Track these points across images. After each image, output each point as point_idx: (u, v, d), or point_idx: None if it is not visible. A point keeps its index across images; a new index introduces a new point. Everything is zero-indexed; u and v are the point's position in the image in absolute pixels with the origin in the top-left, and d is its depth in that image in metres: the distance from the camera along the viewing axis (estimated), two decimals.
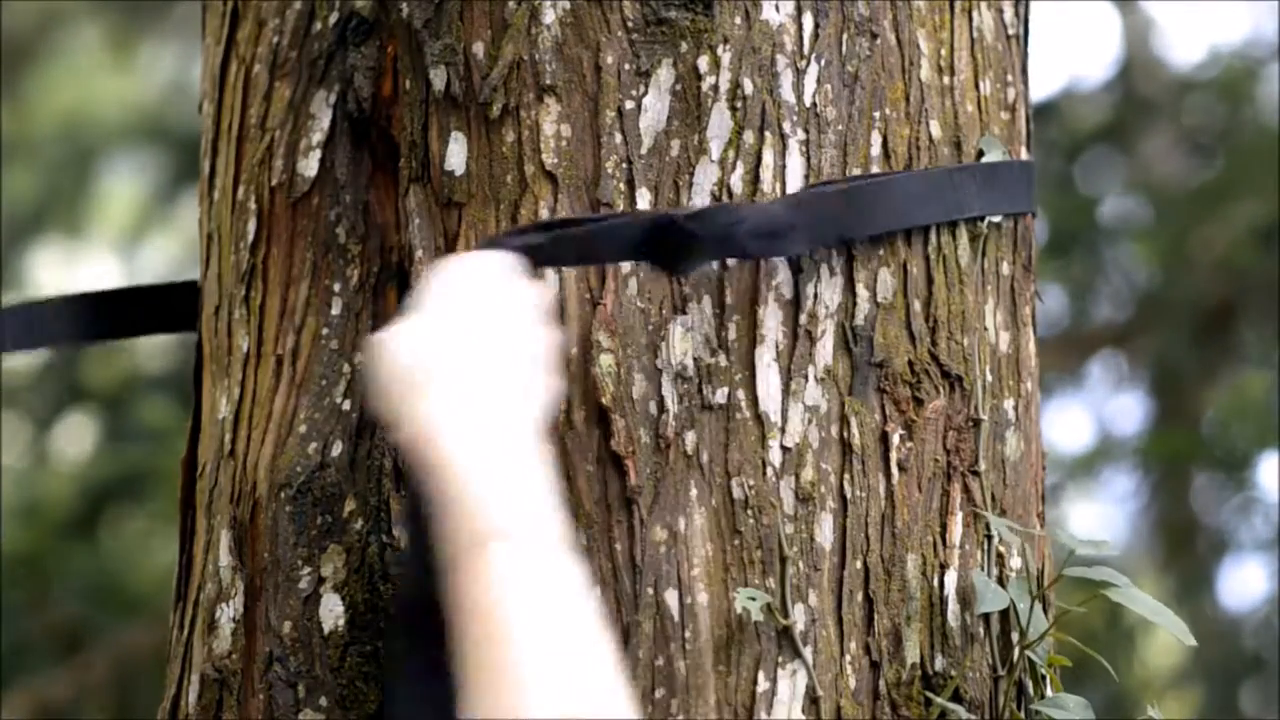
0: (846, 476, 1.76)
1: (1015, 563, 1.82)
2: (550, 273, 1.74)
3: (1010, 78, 1.93)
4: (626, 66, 1.78)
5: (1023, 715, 1.79)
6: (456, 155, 1.80)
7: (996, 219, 1.87)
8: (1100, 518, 7.01)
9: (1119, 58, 6.94)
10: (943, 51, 1.87)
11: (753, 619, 1.70)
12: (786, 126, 1.79)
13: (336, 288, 1.84)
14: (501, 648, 1.35)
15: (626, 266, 1.75)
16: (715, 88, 1.78)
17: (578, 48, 1.79)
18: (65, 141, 7.53)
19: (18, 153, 7.33)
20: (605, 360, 1.73)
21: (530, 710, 1.33)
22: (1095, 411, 6.70)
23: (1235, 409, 5.85)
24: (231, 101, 1.94)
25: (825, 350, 1.77)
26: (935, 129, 1.85)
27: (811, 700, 1.71)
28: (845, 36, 1.82)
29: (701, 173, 1.77)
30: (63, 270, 8.01)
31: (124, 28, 7.72)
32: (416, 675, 1.54)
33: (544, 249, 1.69)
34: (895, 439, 1.78)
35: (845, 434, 1.76)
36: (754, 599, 1.69)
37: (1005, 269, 1.89)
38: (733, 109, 1.78)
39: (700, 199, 1.76)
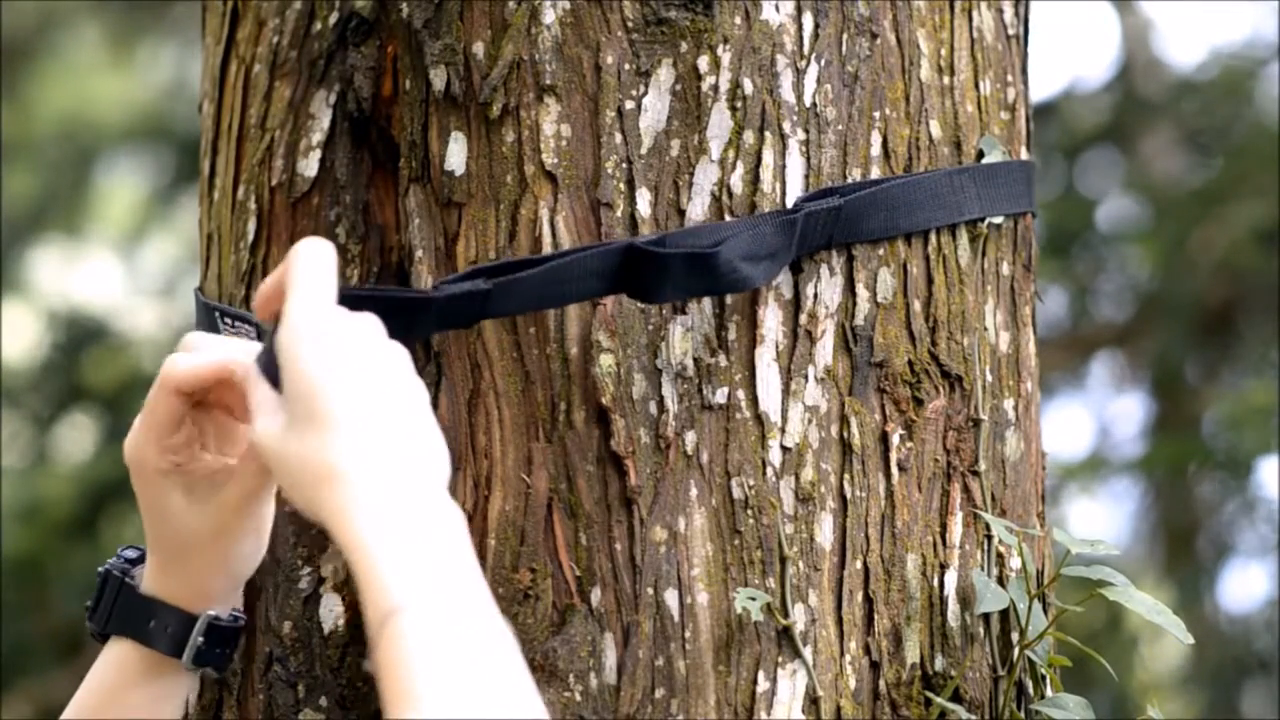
0: (846, 476, 1.76)
1: (1015, 563, 1.82)
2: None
3: (1010, 78, 1.93)
4: (626, 66, 1.78)
5: (1023, 715, 1.79)
6: (456, 155, 1.80)
7: (997, 220, 1.87)
8: (1101, 519, 7.01)
9: (1119, 58, 6.95)
10: (943, 51, 1.87)
11: (753, 619, 1.70)
12: (786, 126, 1.79)
13: None
14: (406, 708, 1.38)
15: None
16: (715, 88, 1.78)
17: (578, 48, 1.79)
18: (65, 141, 7.53)
19: (18, 153, 7.33)
20: (605, 360, 1.73)
21: None
22: (1096, 412, 6.70)
23: (1238, 415, 5.85)
24: (231, 101, 1.94)
25: (825, 350, 1.77)
26: (935, 129, 1.85)
27: (811, 700, 1.71)
28: (845, 36, 1.82)
29: (701, 172, 1.77)
30: (63, 270, 8.01)
31: (123, 27, 7.73)
32: None
33: (491, 297, 1.67)
34: (895, 439, 1.78)
35: (845, 434, 1.76)
36: (754, 599, 1.69)
37: (1005, 269, 1.89)
38: (733, 109, 1.78)
39: (700, 199, 1.76)
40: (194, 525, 1.65)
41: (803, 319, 1.77)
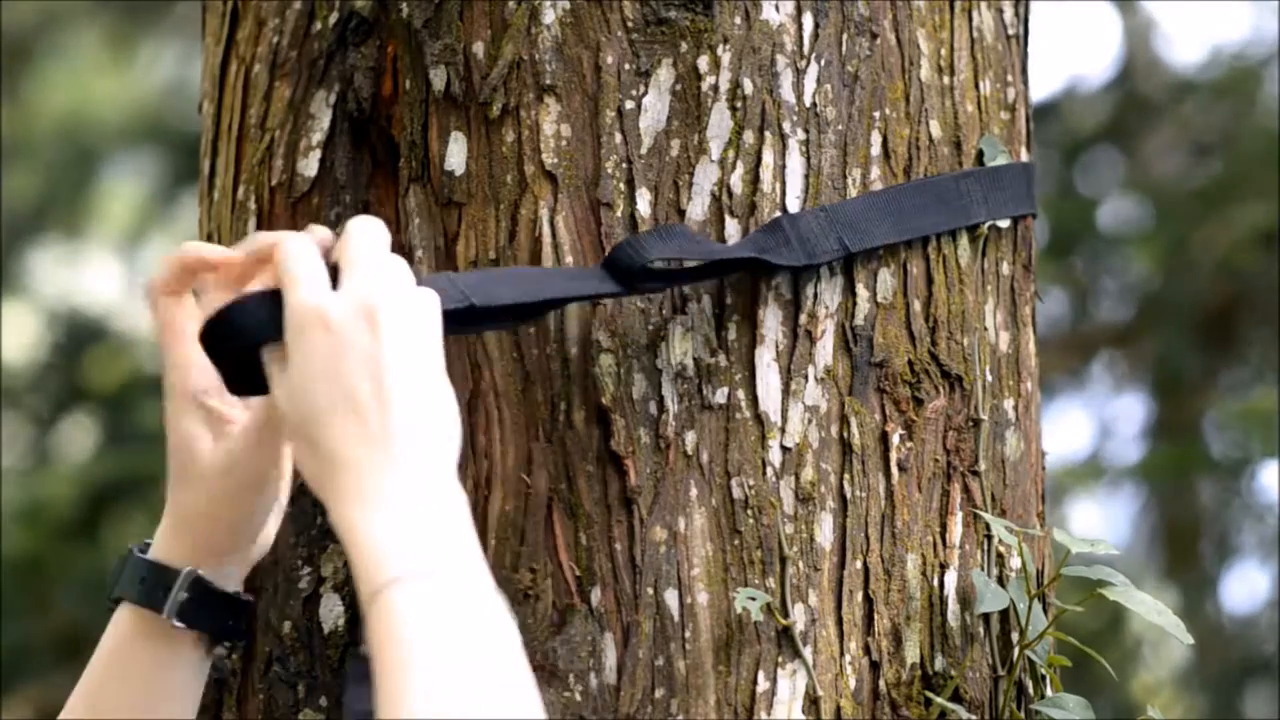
0: (846, 476, 1.76)
1: (1015, 563, 1.82)
2: None
3: (1010, 78, 1.93)
4: (626, 66, 1.78)
5: (1023, 715, 1.79)
6: (456, 155, 1.80)
7: (1003, 223, 1.87)
8: (1102, 520, 7.01)
9: (1119, 58, 6.94)
10: (943, 51, 1.87)
11: (753, 619, 1.70)
12: (786, 126, 1.79)
13: None
14: (399, 683, 1.37)
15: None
16: (715, 88, 1.78)
17: (578, 48, 1.79)
18: (65, 142, 7.53)
19: (18, 153, 7.33)
20: (605, 360, 1.73)
21: None
22: (1096, 412, 6.70)
23: (1242, 421, 5.85)
24: (231, 101, 1.94)
25: (825, 350, 1.77)
26: (935, 129, 1.85)
27: (811, 700, 1.71)
28: (845, 36, 1.82)
29: (701, 172, 1.77)
30: (63, 270, 8.01)
31: (123, 28, 7.72)
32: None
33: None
34: (895, 439, 1.78)
35: (845, 434, 1.76)
36: (754, 599, 1.69)
37: (1005, 269, 1.89)
38: (733, 109, 1.78)
39: (700, 199, 1.76)
40: (207, 459, 1.65)
41: (803, 319, 1.77)
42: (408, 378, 1.49)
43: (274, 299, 1.54)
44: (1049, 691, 1.81)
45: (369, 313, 1.50)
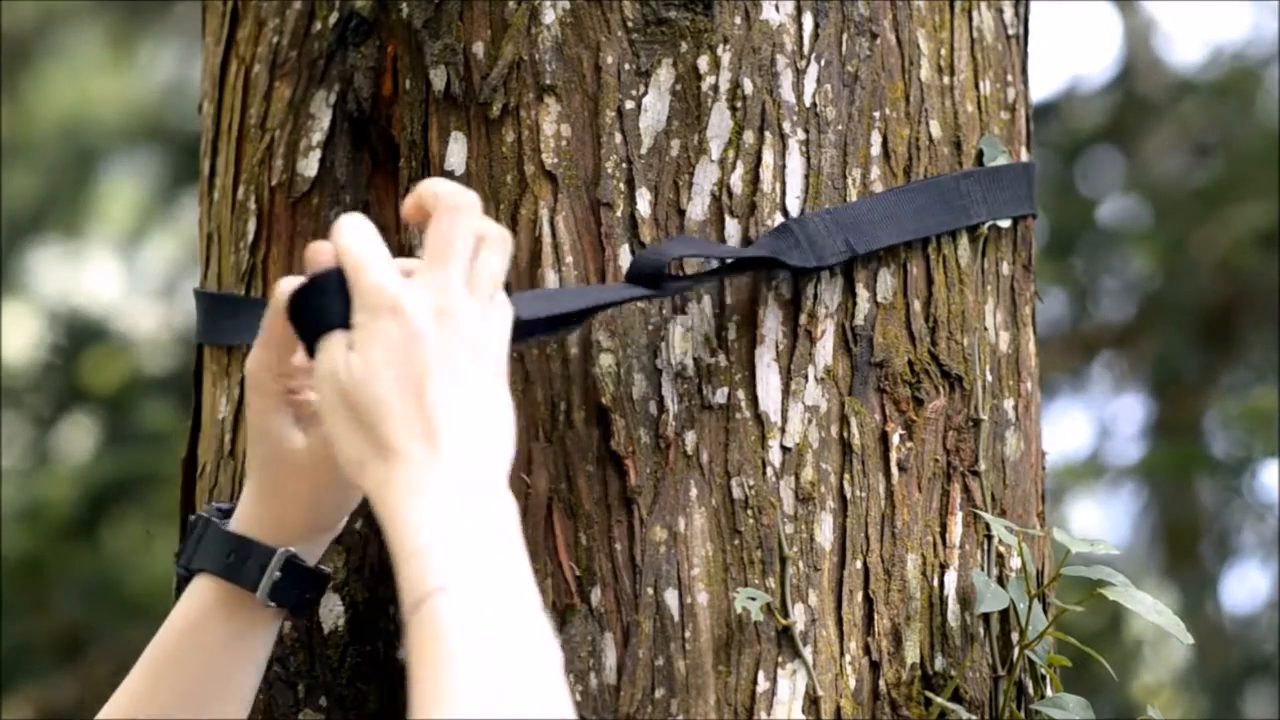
0: (846, 476, 1.76)
1: (1015, 563, 1.82)
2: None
3: (1010, 78, 1.93)
4: (626, 66, 1.78)
5: (1023, 715, 1.79)
6: (456, 155, 1.80)
7: (1004, 224, 1.87)
8: (1102, 520, 7.00)
9: (1120, 58, 6.94)
10: (943, 51, 1.87)
11: (753, 619, 1.70)
12: (786, 126, 1.79)
13: None
14: (437, 689, 1.35)
15: (625, 265, 1.74)
16: (715, 88, 1.78)
17: (578, 48, 1.79)
18: (65, 142, 7.53)
19: (18, 153, 7.33)
20: (605, 360, 1.73)
21: None
22: (1096, 412, 6.70)
23: (1242, 421, 5.84)
24: (231, 101, 1.94)
25: (825, 350, 1.77)
26: (935, 129, 1.85)
27: (811, 700, 1.71)
28: (845, 36, 1.82)
29: (701, 172, 1.77)
30: (63, 270, 8.01)
31: (124, 28, 7.72)
32: None
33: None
34: (895, 439, 1.78)
35: (845, 434, 1.76)
36: (754, 599, 1.69)
37: (1005, 269, 1.89)
38: (733, 109, 1.78)
39: (700, 199, 1.76)
40: (294, 452, 1.63)
41: (802, 319, 1.77)
42: (473, 381, 1.48)
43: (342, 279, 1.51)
44: (1049, 691, 1.81)
45: (443, 309, 1.48)
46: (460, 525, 1.42)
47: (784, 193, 1.78)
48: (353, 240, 1.52)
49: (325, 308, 1.51)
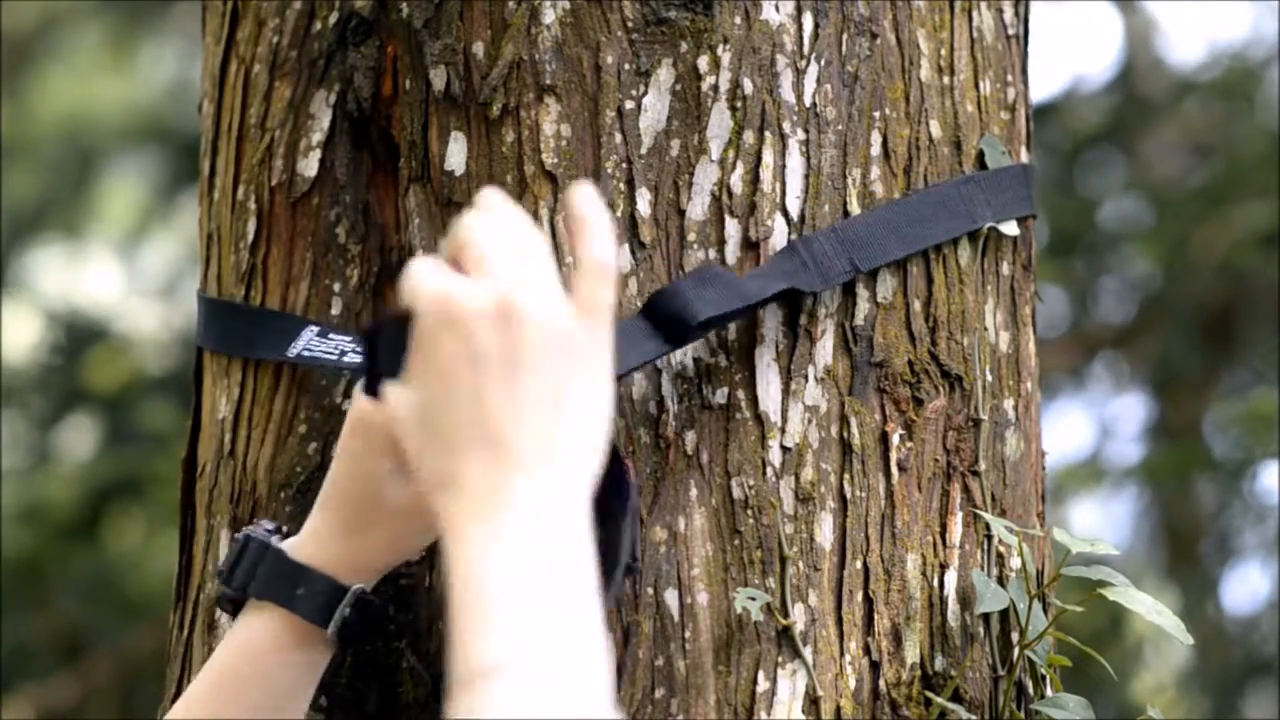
0: (846, 476, 1.76)
1: (1015, 563, 1.82)
2: None
3: (1010, 78, 1.93)
4: (626, 66, 1.78)
5: (1023, 715, 1.79)
6: (456, 155, 1.80)
7: (1010, 230, 1.87)
8: (1102, 520, 7.01)
9: (1120, 58, 6.94)
10: (943, 51, 1.87)
11: (753, 619, 1.70)
12: (786, 126, 1.79)
13: (336, 288, 1.85)
14: None
15: (626, 265, 1.75)
16: (715, 88, 1.78)
17: (578, 48, 1.79)
18: (65, 142, 7.54)
19: (18, 153, 7.33)
20: None
21: None
22: (1096, 412, 6.70)
23: (1243, 422, 5.84)
24: (231, 101, 1.95)
25: (825, 350, 1.77)
26: (935, 129, 1.85)
27: (811, 700, 1.71)
28: (845, 36, 1.82)
29: (701, 172, 1.77)
30: (63, 270, 8.01)
31: (124, 28, 7.73)
32: None
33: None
34: (895, 439, 1.78)
35: (845, 434, 1.76)
36: (754, 599, 1.69)
37: (1005, 269, 1.89)
38: (733, 109, 1.78)
39: (700, 199, 1.76)
40: (392, 497, 1.59)
41: (802, 319, 1.77)
42: (544, 392, 1.36)
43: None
44: (1049, 691, 1.81)
45: (505, 311, 1.37)
46: (531, 584, 1.31)
47: (784, 193, 1.78)
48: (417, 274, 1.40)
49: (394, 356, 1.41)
